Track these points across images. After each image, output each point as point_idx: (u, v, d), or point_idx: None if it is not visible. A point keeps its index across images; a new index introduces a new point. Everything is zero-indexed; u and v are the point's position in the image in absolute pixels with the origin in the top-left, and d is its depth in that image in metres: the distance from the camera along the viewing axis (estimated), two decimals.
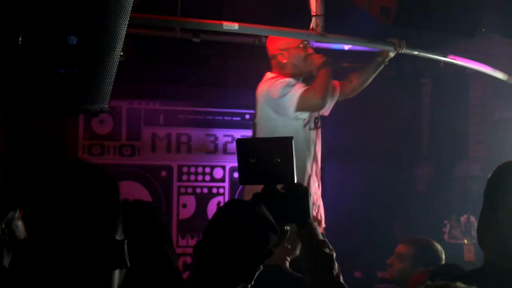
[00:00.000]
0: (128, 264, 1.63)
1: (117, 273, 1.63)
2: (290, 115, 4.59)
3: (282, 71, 4.74)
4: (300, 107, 4.57)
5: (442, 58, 4.93)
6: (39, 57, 2.89)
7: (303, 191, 2.61)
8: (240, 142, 2.70)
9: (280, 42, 4.74)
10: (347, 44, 4.79)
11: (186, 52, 5.95)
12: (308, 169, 4.71)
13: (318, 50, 4.91)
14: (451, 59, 4.93)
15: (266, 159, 2.62)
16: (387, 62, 4.84)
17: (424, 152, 7.13)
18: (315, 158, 4.80)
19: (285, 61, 4.74)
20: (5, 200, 2.44)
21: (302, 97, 4.54)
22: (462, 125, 6.60)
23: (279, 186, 2.66)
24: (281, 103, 4.57)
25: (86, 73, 3.04)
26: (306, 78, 4.80)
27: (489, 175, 2.32)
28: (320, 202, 4.82)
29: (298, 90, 4.56)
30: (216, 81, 6.27)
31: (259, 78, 5.52)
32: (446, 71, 6.14)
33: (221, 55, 6.17)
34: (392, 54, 4.75)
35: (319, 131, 4.89)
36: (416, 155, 7.02)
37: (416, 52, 4.80)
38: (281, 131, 4.61)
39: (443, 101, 6.73)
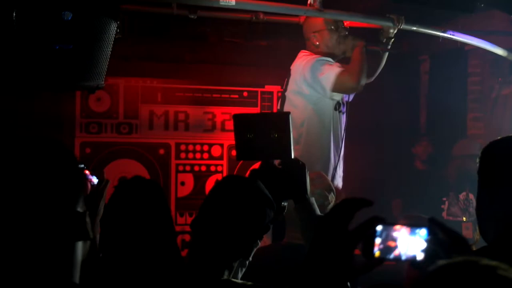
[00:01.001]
0: (91, 236, 1.64)
1: (80, 244, 1.63)
2: (326, 94, 4.61)
3: (316, 51, 4.78)
4: (335, 88, 4.59)
5: (441, 34, 4.90)
6: (34, 33, 2.87)
7: (300, 167, 2.60)
8: (237, 117, 2.69)
9: (313, 24, 4.80)
10: (346, 19, 4.76)
11: (183, 30, 5.91)
12: (333, 150, 4.72)
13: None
14: (450, 34, 4.90)
15: (263, 135, 2.61)
16: (393, 38, 4.81)
17: (422, 130, 7.12)
18: (340, 142, 4.83)
19: (317, 42, 4.79)
20: None
21: (338, 78, 4.56)
22: (461, 102, 6.58)
23: (276, 162, 2.66)
24: (319, 79, 4.59)
25: (81, 49, 3.03)
26: (341, 59, 4.83)
27: (481, 152, 2.30)
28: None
29: (335, 69, 4.58)
30: (214, 58, 6.23)
31: (256, 55, 5.50)
32: (445, 48, 6.10)
33: (219, 32, 6.13)
34: (392, 30, 4.72)
35: (345, 116, 4.93)
36: (414, 132, 7.01)
37: (415, 28, 4.77)
38: (311, 108, 4.68)
39: (441, 78, 6.71)
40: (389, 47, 4.85)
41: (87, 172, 3.26)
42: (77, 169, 1.67)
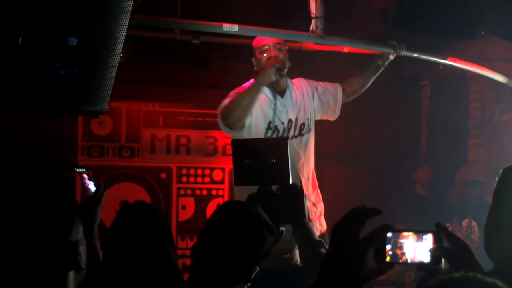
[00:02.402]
0: (83, 266, 1.61)
1: (71, 275, 1.61)
2: (225, 129, 4.47)
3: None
4: (222, 122, 4.44)
5: (442, 61, 4.94)
6: (39, 57, 2.89)
7: (298, 192, 2.62)
8: (236, 142, 2.71)
9: (252, 48, 4.64)
10: (347, 46, 4.79)
11: (185, 54, 5.96)
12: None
13: (315, 52, 4.89)
14: (451, 61, 4.93)
15: (261, 160, 2.63)
16: (387, 65, 4.80)
17: (423, 155, 7.13)
18: (301, 167, 4.59)
19: (255, 68, 4.66)
20: None
21: (220, 112, 4.44)
22: (462, 128, 6.60)
23: (274, 187, 2.67)
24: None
25: (86, 74, 3.05)
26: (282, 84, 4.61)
27: (497, 177, 2.32)
28: (317, 208, 4.69)
29: (224, 101, 4.44)
30: (216, 83, 6.26)
31: None
32: (446, 74, 6.14)
33: (221, 57, 6.18)
34: (392, 57, 4.71)
35: (304, 138, 4.63)
36: (415, 158, 7.02)
37: (416, 55, 4.80)
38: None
39: (442, 104, 6.74)
40: (380, 70, 4.81)
41: (85, 176, 3.26)
42: (72, 197, 1.65)
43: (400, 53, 4.66)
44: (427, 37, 4.82)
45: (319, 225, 4.62)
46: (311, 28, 4.34)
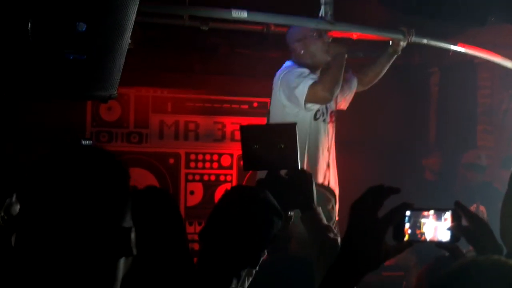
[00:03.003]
0: (134, 253, 1.59)
1: (122, 261, 1.59)
2: (301, 106, 4.55)
3: (300, 61, 4.71)
4: (309, 99, 4.53)
5: (452, 47, 4.91)
6: (48, 43, 2.90)
7: (307, 177, 2.62)
8: (244, 128, 2.71)
9: (297, 33, 4.73)
10: (356, 32, 4.77)
11: (194, 40, 5.95)
12: (307, 160, 4.66)
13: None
14: (461, 47, 4.91)
15: (270, 145, 2.64)
16: (399, 52, 4.82)
17: (432, 141, 7.12)
18: (324, 152, 4.75)
19: (302, 51, 4.71)
20: (3, 187, 2.44)
21: (310, 89, 4.49)
22: (471, 115, 6.59)
23: (283, 172, 2.68)
24: (294, 92, 4.54)
25: (95, 60, 3.05)
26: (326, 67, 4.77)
27: None
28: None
29: (308, 81, 4.51)
30: (224, 69, 6.27)
31: (267, 66, 5.52)
32: (455, 61, 6.12)
33: (229, 43, 6.17)
34: (403, 44, 4.72)
35: (334, 125, 4.85)
36: (424, 144, 7.02)
37: (425, 41, 4.78)
38: (291, 119, 4.59)
39: (451, 91, 6.72)
40: (393, 58, 4.84)
41: None
42: (127, 183, 1.62)
43: (409, 39, 4.66)
44: (437, 24, 4.80)
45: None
46: (320, 14, 4.33)
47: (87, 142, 3.24)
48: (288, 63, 4.76)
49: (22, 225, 1.55)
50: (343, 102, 5.02)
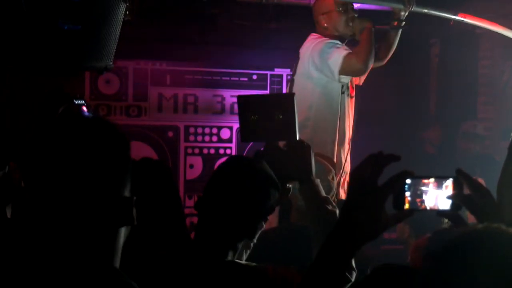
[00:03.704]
0: (135, 222, 1.60)
1: (123, 230, 1.61)
2: (335, 77, 4.59)
3: (325, 33, 4.74)
4: (343, 71, 4.57)
5: (452, 17, 4.87)
6: (43, 13, 2.87)
7: (305, 148, 2.60)
8: (242, 98, 2.68)
9: (321, 6, 4.77)
10: (356, 1, 4.74)
11: (193, 12, 5.90)
12: (339, 133, 4.71)
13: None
14: (461, 17, 4.86)
15: (268, 116, 2.61)
16: (403, 21, 4.79)
17: (432, 114, 7.10)
18: (346, 126, 4.81)
19: (326, 24, 4.74)
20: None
21: (345, 61, 4.53)
22: (471, 86, 6.55)
23: (281, 143, 2.65)
24: (328, 63, 4.57)
25: (90, 30, 3.02)
26: (349, 41, 4.81)
27: None
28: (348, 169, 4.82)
29: (343, 52, 4.55)
30: (223, 41, 6.22)
31: (266, 38, 5.48)
32: (455, 32, 6.07)
33: (228, 14, 6.11)
34: (403, 13, 4.70)
35: (353, 100, 4.92)
36: (425, 116, 6.99)
37: (425, 10, 4.75)
38: (319, 91, 4.66)
39: (452, 62, 6.67)
40: (400, 28, 4.83)
41: (84, 109, 3.25)
42: (128, 152, 1.63)
43: (410, 9, 4.62)
44: None
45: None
46: None
47: (79, 102, 3.22)
48: (313, 36, 4.77)
49: (24, 196, 1.56)
50: (362, 77, 5.06)
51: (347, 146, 4.83)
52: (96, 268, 1.52)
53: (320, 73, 4.61)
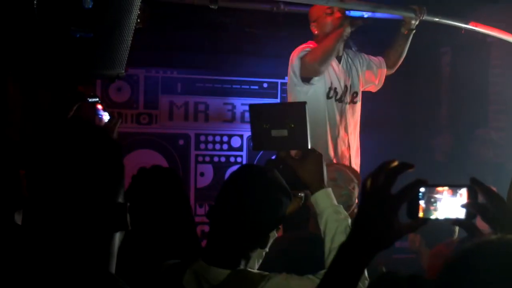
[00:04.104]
0: (130, 227, 1.63)
1: (117, 235, 1.64)
2: (299, 80, 4.55)
3: (318, 41, 4.71)
4: (302, 72, 4.53)
5: (464, 25, 4.86)
6: (55, 21, 2.87)
7: (317, 157, 2.59)
8: (253, 107, 2.68)
9: (311, 14, 4.75)
10: (367, 10, 4.73)
11: (203, 20, 5.90)
12: (330, 140, 4.66)
13: None
14: (473, 26, 4.85)
15: (280, 125, 2.60)
16: (414, 30, 4.79)
17: (443, 122, 7.07)
18: (340, 133, 4.73)
19: (316, 32, 4.73)
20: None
21: (301, 61, 4.51)
22: (482, 95, 6.53)
23: (293, 152, 2.64)
24: (293, 67, 4.56)
25: (102, 38, 3.02)
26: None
27: None
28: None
29: (301, 53, 4.52)
30: (234, 49, 6.22)
31: (277, 46, 5.48)
32: (467, 40, 6.05)
33: (239, 22, 6.12)
34: (414, 22, 4.70)
35: (355, 106, 4.86)
36: (435, 124, 6.97)
37: (437, 19, 4.74)
38: (303, 98, 4.56)
39: (463, 70, 6.65)
40: (410, 36, 4.82)
41: (99, 107, 3.24)
42: (120, 160, 1.66)
43: (421, 17, 4.62)
44: (449, 2, 4.75)
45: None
46: None
47: (93, 99, 3.22)
48: (303, 45, 4.74)
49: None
50: (373, 82, 5.06)
51: (337, 151, 4.74)
52: (92, 273, 1.55)
53: (297, 79, 4.59)
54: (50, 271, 1.52)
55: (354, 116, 4.84)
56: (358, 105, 4.89)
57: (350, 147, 4.82)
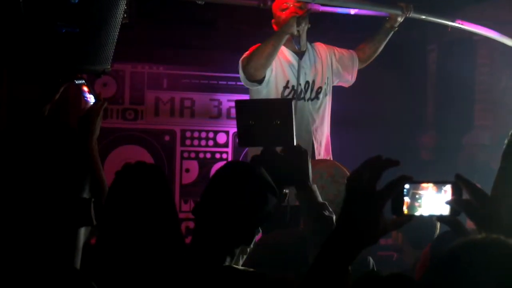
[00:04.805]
0: (94, 222, 1.64)
1: (82, 230, 1.64)
2: (248, 81, 4.46)
3: None
4: (245, 73, 4.42)
5: (450, 23, 4.87)
6: (41, 16, 2.86)
7: (302, 154, 2.60)
8: (240, 103, 2.68)
9: (273, 11, 4.64)
10: (354, 7, 4.73)
11: (190, 16, 5.89)
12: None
13: (323, 15, 4.87)
14: (459, 24, 4.87)
15: (266, 121, 2.61)
16: (396, 28, 4.77)
17: (429, 120, 7.10)
18: (301, 131, 4.60)
19: (275, 27, 4.63)
20: None
21: (240, 64, 4.46)
22: (469, 93, 6.56)
23: (278, 149, 2.65)
24: (239, 69, 4.51)
25: (88, 33, 3.02)
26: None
27: (506, 140, 2.24)
28: None
29: (245, 56, 4.45)
30: (221, 45, 6.21)
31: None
32: (453, 38, 6.08)
33: (226, 19, 6.11)
34: (400, 19, 4.68)
35: (320, 102, 4.69)
36: (422, 122, 6.99)
37: (423, 17, 4.75)
38: (257, 97, 4.51)
39: (449, 68, 6.68)
40: (390, 34, 4.80)
41: (85, 89, 3.24)
42: (85, 155, 1.67)
43: (408, 15, 4.62)
44: (436, 1, 4.77)
45: None
46: None
47: (80, 81, 3.20)
48: None
49: None
50: (346, 77, 4.93)
51: (317, 152, 4.66)
52: (55, 268, 1.55)
53: (246, 82, 4.52)
54: (13, 266, 1.52)
55: (319, 112, 4.68)
56: (325, 100, 4.72)
57: (321, 144, 4.71)
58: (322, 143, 4.73)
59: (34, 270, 1.52)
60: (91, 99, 3.22)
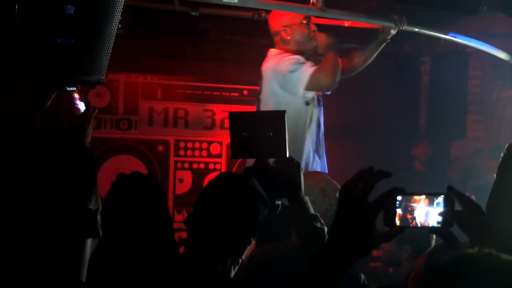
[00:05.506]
0: (101, 234, 1.63)
1: (89, 241, 1.63)
2: (298, 93, 4.50)
3: (285, 48, 4.63)
4: (309, 87, 4.48)
5: (443, 36, 4.90)
6: (36, 26, 2.86)
7: (295, 166, 2.61)
8: (233, 115, 2.69)
9: (283, 19, 4.64)
10: (348, 19, 4.75)
11: (184, 26, 5.91)
12: (310, 148, 4.64)
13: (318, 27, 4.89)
14: (452, 37, 4.90)
15: (259, 133, 2.62)
16: (388, 40, 4.80)
17: (422, 131, 7.12)
18: (318, 137, 4.73)
19: (288, 37, 4.63)
20: None
21: (312, 77, 4.43)
22: (461, 104, 6.58)
23: (271, 160, 2.66)
24: (291, 79, 4.48)
25: (83, 44, 3.02)
26: (310, 55, 4.70)
27: (502, 153, 2.25)
28: None
29: (308, 69, 4.46)
30: (215, 56, 6.23)
31: (257, 53, 5.47)
32: (446, 50, 6.11)
33: (220, 29, 6.13)
34: (393, 31, 4.70)
35: (322, 109, 4.80)
36: (414, 133, 7.01)
37: (417, 29, 4.77)
38: (284, 108, 4.52)
39: (442, 80, 6.71)
40: (382, 46, 4.83)
41: (76, 96, 3.25)
42: (92, 166, 1.66)
43: (401, 27, 4.64)
44: (429, 12, 4.78)
45: None
46: (311, 1, 4.29)
47: (71, 88, 3.22)
48: (274, 51, 4.68)
49: None
50: None
51: (317, 158, 4.71)
52: (61, 281, 1.54)
53: (284, 90, 4.52)
54: (19, 277, 1.51)
55: (322, 121, 4.79)
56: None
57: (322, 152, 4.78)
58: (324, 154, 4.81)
59: (39, 283, 1.51)
60: (81, 105, 3.24)
